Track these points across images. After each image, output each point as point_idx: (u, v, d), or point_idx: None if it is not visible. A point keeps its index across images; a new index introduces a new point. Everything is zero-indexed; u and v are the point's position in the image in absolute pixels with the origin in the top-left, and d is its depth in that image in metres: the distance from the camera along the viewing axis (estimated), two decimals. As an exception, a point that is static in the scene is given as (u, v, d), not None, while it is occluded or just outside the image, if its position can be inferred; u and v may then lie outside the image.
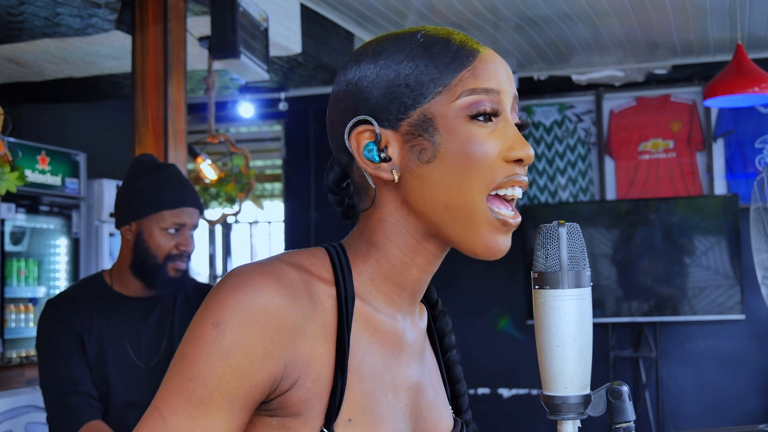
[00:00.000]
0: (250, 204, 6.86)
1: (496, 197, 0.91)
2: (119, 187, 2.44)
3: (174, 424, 0.83)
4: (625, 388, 0.90)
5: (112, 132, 5.71)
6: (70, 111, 6.16)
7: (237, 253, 6.99)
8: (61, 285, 5.32)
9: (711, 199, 5.65)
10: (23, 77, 5.36)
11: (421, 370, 0.99)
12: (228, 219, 5.13)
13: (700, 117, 5.89)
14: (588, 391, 0.87)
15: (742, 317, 5.40)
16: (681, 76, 5.97)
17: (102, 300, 2.35)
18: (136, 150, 3.60)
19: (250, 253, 7.05)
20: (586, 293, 0.86)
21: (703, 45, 5.62)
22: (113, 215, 2.48)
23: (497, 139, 0.90)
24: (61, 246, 5.37)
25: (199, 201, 2.44)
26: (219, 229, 6.91)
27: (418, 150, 0.90)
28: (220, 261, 6.93)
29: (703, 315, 5.48)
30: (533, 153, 0.91)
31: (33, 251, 5.26)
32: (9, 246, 5.02)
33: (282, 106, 5.98)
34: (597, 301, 5.19)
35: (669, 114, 5.96)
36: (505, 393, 6.02)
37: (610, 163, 6.05)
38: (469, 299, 5.93)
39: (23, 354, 3.86)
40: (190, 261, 2.39)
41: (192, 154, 4.68)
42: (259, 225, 7.12)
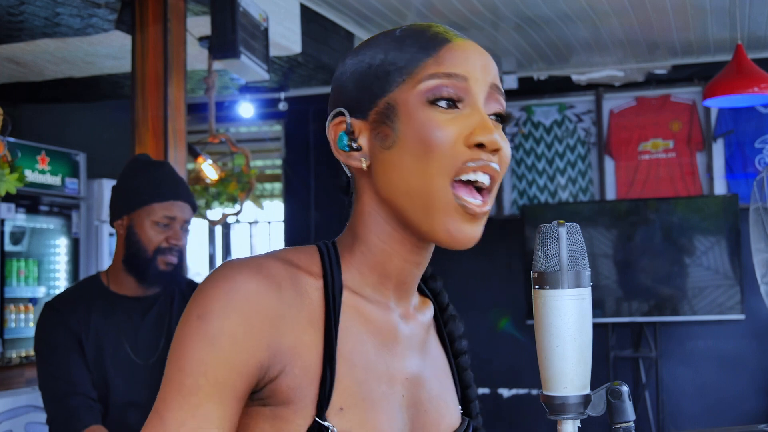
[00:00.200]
0: (250, 204, 6.86)
1: (462, 184, 0.89)
2: (113, 186, 2.46)
3: (169, 419, 0.84)
4: (625, 388, 0.90)
5: (112, 132, 5.71)
6: (70, 111, 6.16)
7: (237, 253, 6.99)
8: (61, 285, 5.32)
9: (711, 199, 5.65)
10: (23, 77, 5.36)
11: (422, 363, 0.99)
12: (229, 219, 5.13)
13: (700, 117, 5.89)
14: (588, 391, 0.87)
15: (742, 317, 5.40)
16: (681, 76, 5.97)
17: (99, 300, 2.35)
18: (136, 150, 3.60)
19: (249, 253, 7.04)
20: (586, 293, 0.86)
21: (703, 45, 5.62)
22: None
23: (458, 125, 0.88)
24: (61, 246, 5.37)
25: (192, 197, 2.44)
26: (219, 229, 6.91)
27: (381, 137, 0.91)
28: (220, 261, 6.93)
29: (703, 315, 5.48)
30: (498, 139, 0.88)
31: (33, 251, 5.26)
32: (9, 246, 5.02)
33: (282, 106, 5.98)
34: (597, 301, 5.18)
35: (669, 114, 5.96)
36: (505, 393, 6.02)
37: (610, 163, 6.05)
38: (469, 299, 5.93)
39: (23, 354, 3.86)
40: (181, 256, 2.37)
41: (193, 154, 4.68)
42: (259, 225, 7.12)
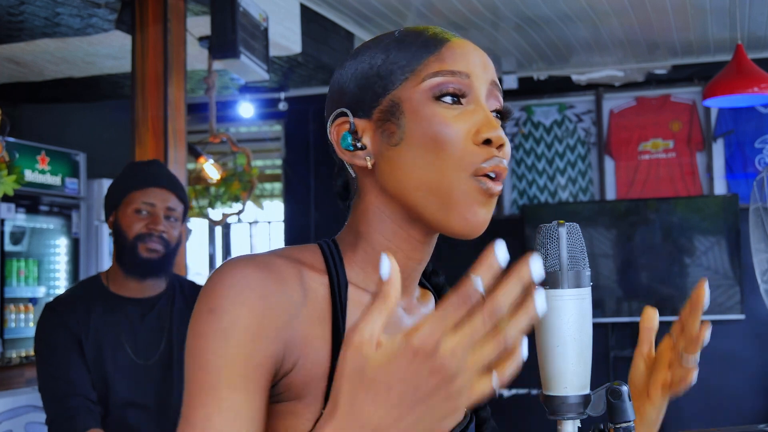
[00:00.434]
0: (250, 204, 6.86)
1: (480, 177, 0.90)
2: None
3: (195, 418, 0.82)
4: (625, 388, 0.90)
5: (112, 132, 5.70)
6: (70, 111, 6.16)
7: (237, 253, 6.98)
8: (61, 285, 5.32)
9: (711, 199, 5.65)
10: (23, 77, 5.36)
11: None
12: (231, 219, 5.13)
13: (700, 117, 5.89)
14: (588, 391, 0.87)
15: (741, 317, 5.39)
16: (681, 76, 5.96)
17: (99, 301, 2.35)
18: (136, 150, 3.60)
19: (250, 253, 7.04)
20: (586, 293, 0.86)
21: (703, 45, 5.62)
22: None
23: (465, 120, 0.90)
24: (61, 246, 5.37)
25: (179, 188, 2.44)
26: (219, 229, 6.91)
27: (387, 134, 0.92)
28: (220, 261, 6.93)
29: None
30: (503, 135, 0.90)
31: (33, 251, 5.26)
32: (9, 246, 5.02)
33: (282, 106, 5.98)
34: (597, 301, 5.18)
35: (669, 114, 5.96)
36: (505, 393, 6.01)
37: (610, 163, 6.05)
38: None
39: (23, 354, 3.86)
40: (168, 246, 2.35)
41: (194, 154, 4.68)
42: (259, 225, 7.12)
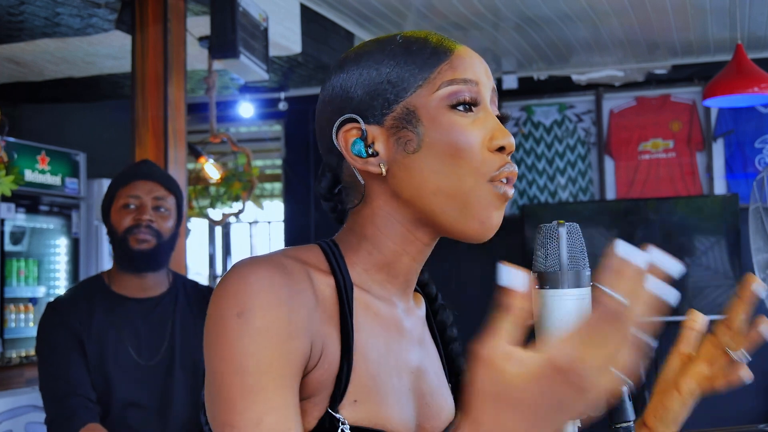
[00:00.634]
0: (250, 204, 6.86)
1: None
2: None
3: (242, 422, 0.81)
4: (626, 388, 0.90)
5: (112, 132, 5.70)
6: (70, 111, 6.16)
7: (237, 253, 7.00)
8: (61, 285, 5.32)
9: (711, 199, 5.65)
10: (23, 77, 5.36)
11: (421, 355, 1.02)
12: (230, 219, 5.12)
13: (700, 117, 5.89)
14: (588, 391, 0.87)
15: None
16: (681, 76, 5.97)
17: (101, 301, 2.35)
18: (136, 150, 3.60)
19: (249, 254, 7.04)
20: (586, 293, 0.86)
21: (703, 45, 5.62)
22: None
23: (479, 128, 0.92)
24: (61, 246, 5.37)
25: (165, 178, 2.45)
26: (219, 229, 6.91)
27: (403, 142, 0.93)
28: (220, 261, 6.93)
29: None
30: (514, 141, 0.94)
31: (33, 251, 5.26)
32: (9, 246, 5.02)
33: (282, 106, 5.99)
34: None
35: (669, 114, 5.96)
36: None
37: (610, 163, 6.05)
38: (469, 299, 5.92)
39: (23, 354, 3.86)
40: (160, 237, 2.35)
41: (194, 154, 4.68)
42: (259, 225, 7.12)
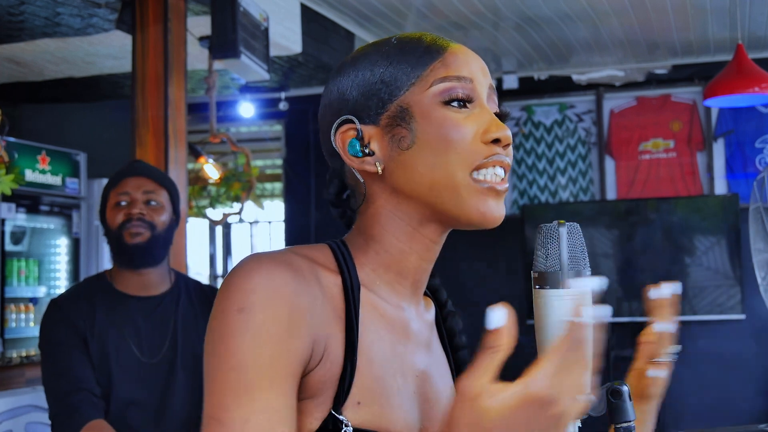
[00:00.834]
0: (250, 204, 6.86)
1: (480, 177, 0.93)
2: None
3: (230, 420, 0.81)
4: (625, 388, 0.90)
5: (112, 132, 5.70)
6: (70, 111, 6.16)
7: (237, 253, 7.00)
8: (62, 285, 5.31)
9: (711, 199, 5.65)
10: (23, 77, 5.36)
11: (428, 359, 1.01)
12: (231, 219, 5.13)
13: (700, 117, 5.89)
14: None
15: (742, 317, 5.39)
16: (681, 76, 5.96)
17: (104, 298, 2.36)
18: (136, 150, 3.59)
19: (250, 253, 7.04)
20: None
21: (703, 45, 5.62)
22: None
23: (473, 123, 0.93)
24: (62, 246, 5.37)
25: (155, 172, 2.46)
26: (219, 229, 6.91)
27: (397, 139, 0.94)
28: (220, 261, 6.93)
29: (703, 315, 5.47)
30: (510, 134, 0.94)
31: (33, 251, 5.26)
32: (9, 246, 5.02)
33: (282, 105, 5.98)
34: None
35: (669, 114, 5.96)
36: (505, 393, 6.01)
37: (610, 163, 6.05)
38: (469, 299, 5.92)
39: (23, 354, 3.86)
40: (154, 230, 2.35)
41: (194, 154, 4.68)
42: (260, 225, 7.12)
